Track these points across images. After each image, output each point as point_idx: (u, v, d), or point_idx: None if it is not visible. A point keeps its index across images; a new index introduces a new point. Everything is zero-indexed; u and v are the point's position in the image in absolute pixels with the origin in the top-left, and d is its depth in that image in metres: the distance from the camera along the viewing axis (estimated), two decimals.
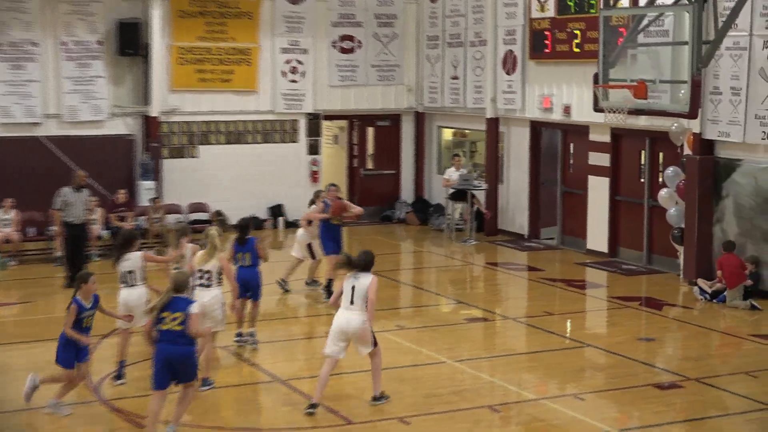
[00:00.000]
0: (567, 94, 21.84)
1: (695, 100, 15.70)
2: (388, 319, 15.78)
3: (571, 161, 22.58)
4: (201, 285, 12.68)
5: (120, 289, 12.68)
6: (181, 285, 10.62)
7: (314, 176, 25.55)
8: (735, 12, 16.25)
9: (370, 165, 27.19)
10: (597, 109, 17.55)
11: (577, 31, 21.22)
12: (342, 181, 28.18)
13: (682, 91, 16.11)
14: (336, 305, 11.75)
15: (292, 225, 24.23)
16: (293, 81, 25.16)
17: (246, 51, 24.62)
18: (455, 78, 25.29)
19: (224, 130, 24.69)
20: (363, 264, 11.61)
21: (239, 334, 14.46)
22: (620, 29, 18.45)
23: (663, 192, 19.09)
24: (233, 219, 23.77)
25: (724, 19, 16.40)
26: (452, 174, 23.45)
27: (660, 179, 19.97)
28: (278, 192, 25.15)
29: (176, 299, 10.53)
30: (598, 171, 21.30)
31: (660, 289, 18.34)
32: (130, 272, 12.60)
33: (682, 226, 18.58)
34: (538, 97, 22.63)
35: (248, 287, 14.17)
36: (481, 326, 15.88)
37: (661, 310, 16.91)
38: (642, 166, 20.65)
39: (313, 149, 25.66)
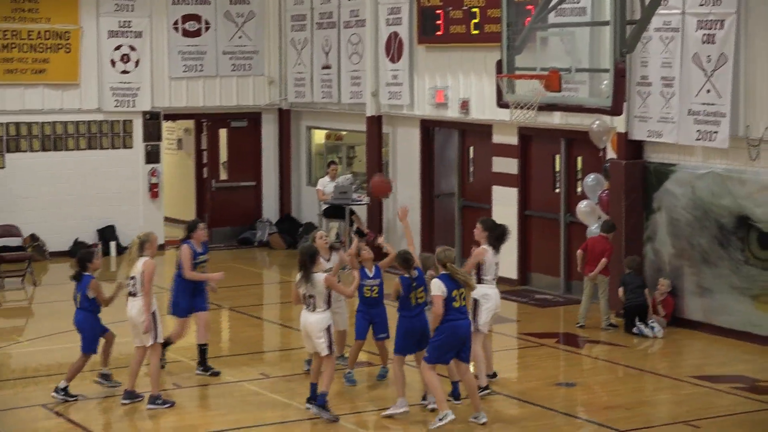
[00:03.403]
0: (464, 86, 21.98)
1: (619, 92, 15.85)
2: (250, 365, 15.75)
3: (472, 169, 22.78)
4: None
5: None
6: (449, 260, 13.14)
7: (153, 190, 25.36)
8: None
9: (223, 176, 27.09)
10: (501, 104, 17.61)
11: (476, 9, 21.37)
12: (190, 196, 27.98)
13: (604, 82, 16.29)
14: None
15: (126, 250, 23.86)
16: (125, 72, 24.98)
17: (64, 34, 24.38)
18: (327, 67, 25.31)
19: (39, 133, 24.41)
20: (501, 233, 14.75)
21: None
22: (528, 7, 18.49)
23: (582, 205, 19.28)
24: (53, 245, 23.85)
25: None
26: (327, 185, 23.49)
27: (579, 189, 20.26)
28: (108, 211, 24.93)
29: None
30: (505, 180, 21.51)
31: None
32: (311, 296, 13.45)
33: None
34: (430, 90, 22.75)
35: None
36: (365, 372, 15.82)
37: (583, 348, 17.17)
38: (557, 174, 20.90)
39: (152, 157, 25.47)
